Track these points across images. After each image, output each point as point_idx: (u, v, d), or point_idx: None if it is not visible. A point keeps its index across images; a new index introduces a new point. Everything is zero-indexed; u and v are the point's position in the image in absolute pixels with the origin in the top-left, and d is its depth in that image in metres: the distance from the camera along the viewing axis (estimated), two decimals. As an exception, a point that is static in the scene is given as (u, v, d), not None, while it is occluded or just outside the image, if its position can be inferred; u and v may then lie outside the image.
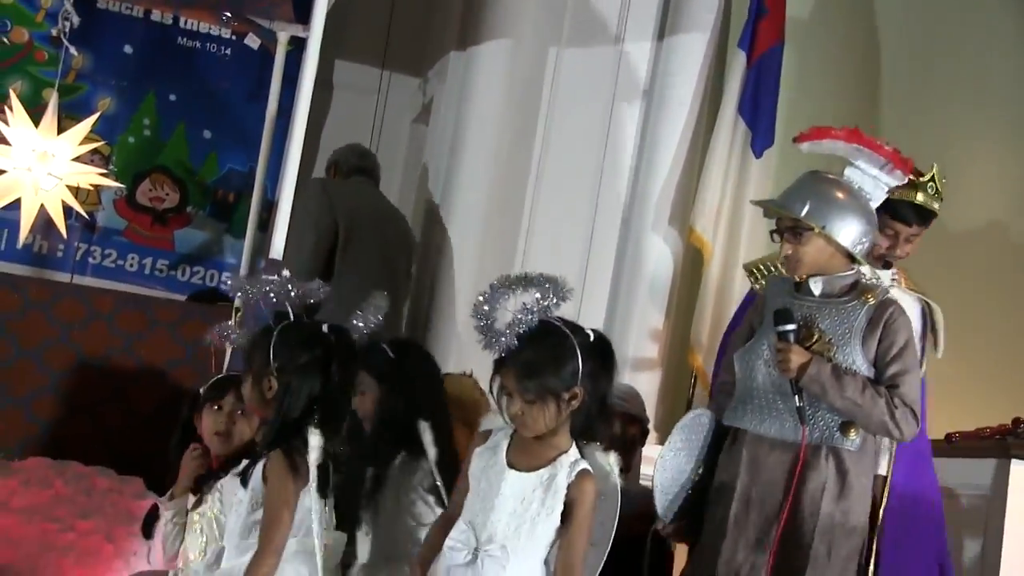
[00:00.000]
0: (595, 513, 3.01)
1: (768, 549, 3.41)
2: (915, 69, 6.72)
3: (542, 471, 3.00)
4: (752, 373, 3.56)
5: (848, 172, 3.62)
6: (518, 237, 6.03)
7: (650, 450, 4.57)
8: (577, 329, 3.05)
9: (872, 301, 3.51)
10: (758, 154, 6.09)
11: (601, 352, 3.06)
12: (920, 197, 4.25)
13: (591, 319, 6.02)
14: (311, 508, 3.18)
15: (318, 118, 6.18)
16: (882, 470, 3.90)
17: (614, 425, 4.23)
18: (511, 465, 3.02)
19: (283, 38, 5.98)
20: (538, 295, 3.03)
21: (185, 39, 6.52)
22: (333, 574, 3.29)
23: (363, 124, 6.71)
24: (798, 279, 3.59)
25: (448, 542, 2.99)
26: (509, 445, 3.06)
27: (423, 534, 3.39)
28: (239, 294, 3.63)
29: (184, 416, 3.93)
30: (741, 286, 5.98)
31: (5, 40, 6.31)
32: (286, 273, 3.83)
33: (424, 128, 6.59)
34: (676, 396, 6.15)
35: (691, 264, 6.16)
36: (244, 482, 3.25)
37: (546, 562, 3.00)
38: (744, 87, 6.08)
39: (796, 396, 3.42)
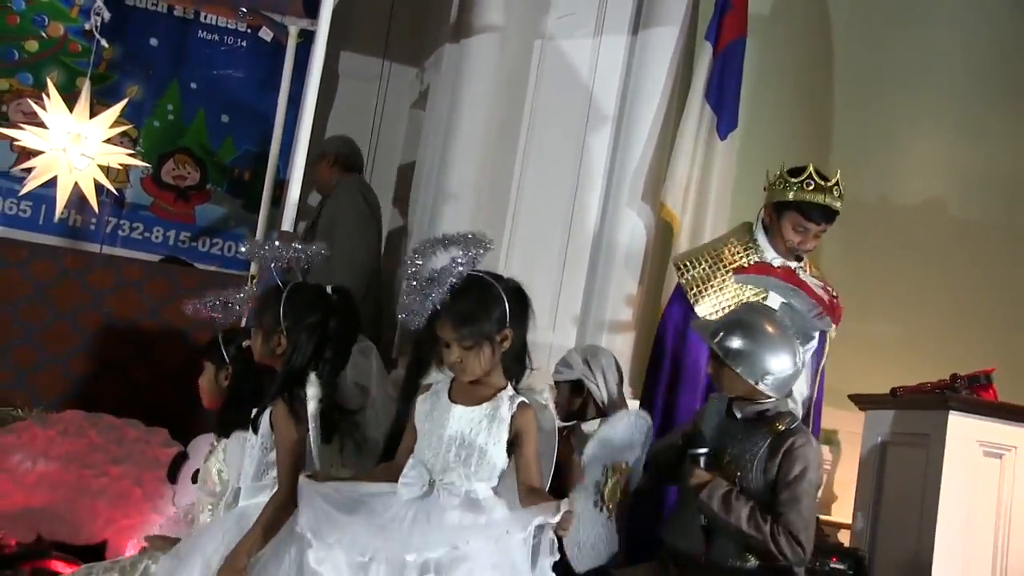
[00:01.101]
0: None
1: None
2: (865, 59, 6.72)
3: (485, 405, 3.00)
4: (683, 489, 3.55)
5: (781, 309, 3.56)
6: (506, 210, 6.03)
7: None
8: (499, 277, 3.06)
9: (780, 429, 3.41)
10: (722, 136, 6.06)
11: (521, 297, 3.06)
12: (826, 199, 4.31)
13: (572, 285, 6.08)
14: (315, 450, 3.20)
15: (325, 104, 6.18)
16: None
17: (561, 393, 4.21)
18: (455, 402, 3.02)
19: (293, 31, 5.99)
20: (462, 251, 3.01)
21: (205, 32, 6.53)
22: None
23: (366, 109, 6.73)
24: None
25: (401, 480, 2.94)
26: (450, 389, 3.05)
27: None
28: (254, 256, 3.65)
29: None
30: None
31: (43, 34, 6.31)
32: (296, 244, 3.84)
33: (421, 113, 6.58)
34: (647, 355, 6.16)
35: (662, 236, 6.15)
36: (255, 429, 3.27)
37: (496, 492, 3.00)
38: (710, 76, 6.05)
39: (703, 515, 3.37)
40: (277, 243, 3.53)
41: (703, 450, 3.40)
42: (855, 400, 4.91)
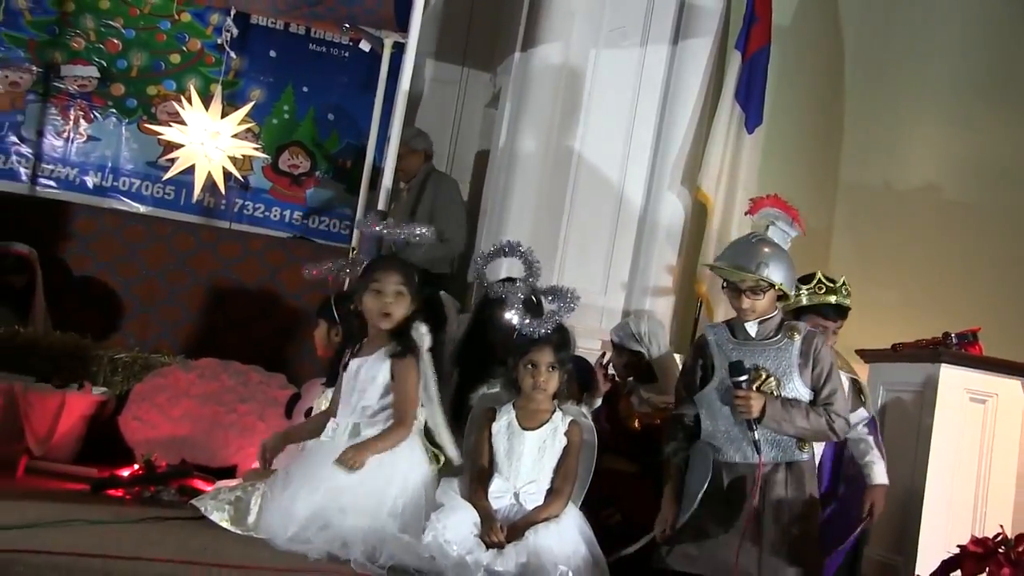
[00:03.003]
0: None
1: (752, 549, 3.19)
2: (871, 62, 6.61)
3: (545, 427, 3.35)
4: (714, 413, 3.37)
5: (771, 230, 3.48)
6: (565, 195, 6.01)
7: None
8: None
9: (798, 337, 3.36)
10: (750, 131, 5.99)
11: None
12: (835, 299, 4.07)
13: (621, 256, 6.06)
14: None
15: (414, 104, 6.19)
16: None
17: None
18: (525, 428, 3.35)
19: (388, 43, 6.02)
20: (557, 305, 3.47)
21: (314, 45, 6.57)
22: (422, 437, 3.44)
23: (448, 108, 6.72)
24: (734, 324, 3.44)
25: (492, 495, 3.27)
26: (517, 418, 3.37)
27: None
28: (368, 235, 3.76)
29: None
30: (737, 231, 5.95)
31: (184, 48, 6.40)
32: (391, 219, 3.90)
33: (494, 111, 6.56)
34: (685, 315, 6.13)
35: (697, 215, 6.11)
36: (374, 376, 3.36)
37: None
38: (739, 79, 5.98)
39: (753, 432, 3.25)
40: (392, 225, 3.65)
41: (745, 376, 3.27)
42: (861, 354, 4.86)
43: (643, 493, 3.87)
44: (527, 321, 3.38)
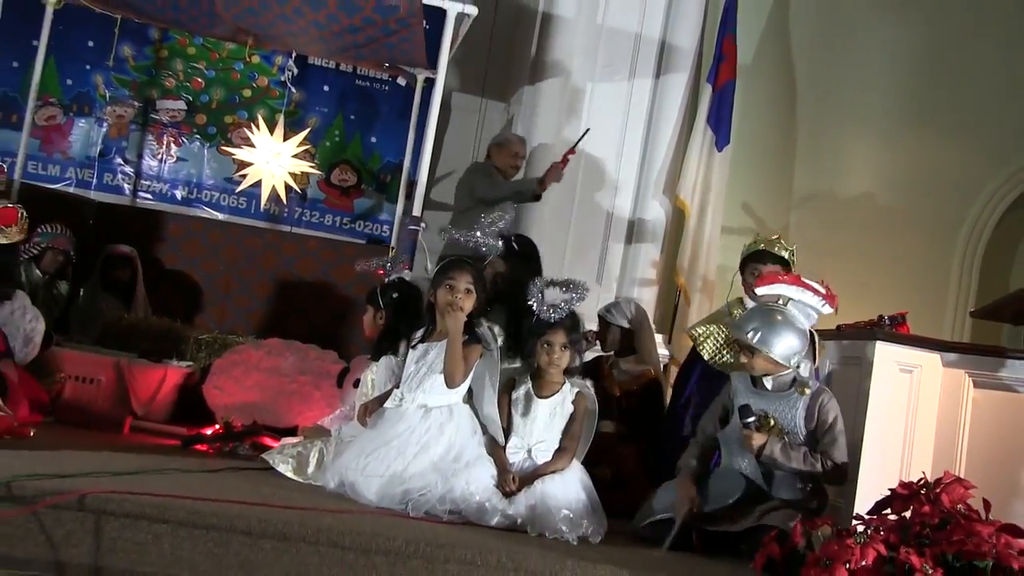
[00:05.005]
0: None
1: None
2: (818, 91, 6.64)
3: (556, 396, 3.35)
4: (730, 447, 3.33)
5: (790, 307, 3.29)
6: (572, 200, 6.05)
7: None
8: None
9: (807, 393, 3.26)
10: (719, 149, 6.03)
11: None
12: (764, 246, 3.92)
13: (613, 252, 6.10)
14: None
15: (441, 129, 6.21)
16: None
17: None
18: (539, 396, 3.35)
19: (420, 78, 6.05)
20: (574, 292, 3.40)
21: (360, 81, 6.57)
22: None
23: (469, 133, 6.70)
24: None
25: (509, 450, 3.29)
26: (534, 387, 3.37)
27: None
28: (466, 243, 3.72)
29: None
30: (709, 232, 5.97)
31: (254, 84, 6.43)
32: (423, 224, 3.91)
33: (508, 135, 6.59)
34: (667, 303, 6.17)
35: (677, 218, 6.14)
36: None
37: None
38: (710, 106, 6.01)
39: (745, 463, 3.23)
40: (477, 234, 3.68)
41: (752, 419, 3.20)
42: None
43: (625, 451, 3.91)
44: (544, 307, 3.37)
